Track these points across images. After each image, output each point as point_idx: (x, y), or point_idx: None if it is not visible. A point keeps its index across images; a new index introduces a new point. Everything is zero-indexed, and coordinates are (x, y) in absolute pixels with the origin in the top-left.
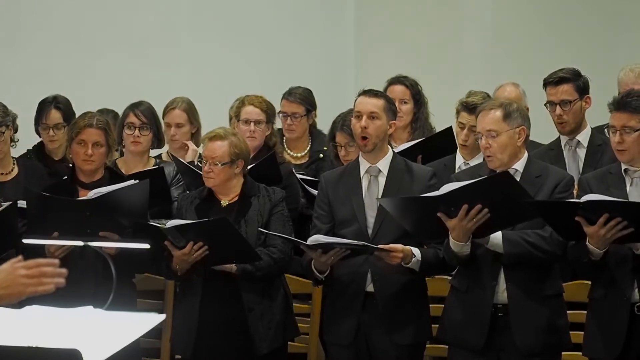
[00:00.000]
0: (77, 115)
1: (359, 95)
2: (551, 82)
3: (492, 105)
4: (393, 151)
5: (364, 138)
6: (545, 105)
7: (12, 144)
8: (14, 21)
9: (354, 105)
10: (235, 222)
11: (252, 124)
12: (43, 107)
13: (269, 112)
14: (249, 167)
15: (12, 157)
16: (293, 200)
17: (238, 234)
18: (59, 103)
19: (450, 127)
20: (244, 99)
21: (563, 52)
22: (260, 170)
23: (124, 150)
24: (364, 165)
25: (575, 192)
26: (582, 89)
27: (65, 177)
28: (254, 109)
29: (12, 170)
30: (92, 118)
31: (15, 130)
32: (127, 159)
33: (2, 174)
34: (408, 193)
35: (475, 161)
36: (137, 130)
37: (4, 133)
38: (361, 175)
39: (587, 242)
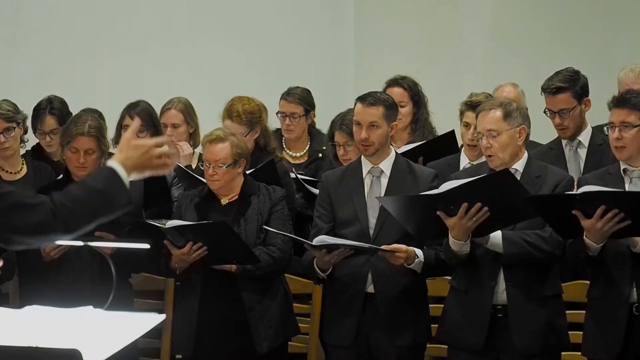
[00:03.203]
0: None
1: (357, 101)
2: (548, 91)
3: (491, 105)
4: (395, 151)
5: (365, 145)
6: (544, 112)
7: (22, 144)
8: (14, 21)
9: (354, 107)
10: (235, 220)
11: None
12: (38, 113)
13: (251, 120)
14: (247, 172)
15: (22, 157)
16: (289, 200)
17: (237, 237)
18: (54, 108)
19: (453, 131)
20: (224, 111)
21: (563, 52)
22: (259, 177)
23: None
24: (366, 165)
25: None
26: (581, 94)
27: (61, 177)
28: (232, 124)
29: (21, 169)
30: (84, 125)
31: (26, 131)
32: None
33: (10, 172)
34: (410, 194)
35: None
36: None
37: (14, 129)
38: (363, 176)
39: (584, 237)
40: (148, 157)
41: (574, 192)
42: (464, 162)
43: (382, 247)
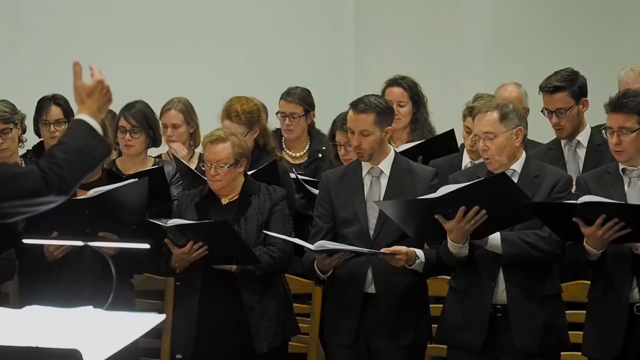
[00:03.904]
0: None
1: (350, 107)
2: (546, 90)
3: (488, 107)
4: (395, 151)
5: (358, 152)
6: (542, 111)
7: (20, 144)
8: (14, 21)
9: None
10: (235, 220)
11: None
12: (42, 104)
13: (250, 120)
14: (249, 172)
15: (22, 157)
16: (288, 200)
17: (238, 236)
18: (59, 99)
19: (452, 130)
20: (223, 111)
21: (563, 51)
22: (261, 177)
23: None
24: (365, 165)
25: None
26: (578, 94)
27: None
28: (231, 124)
29: None
30: None
31: (24, 131)
32: (125, 160)
33: None
34: (410, 194)
35: None
36: (128, 134)
37: (11, 130)
38: (363, 176)
39: (584, 243)
40: (104, 93)
41: (574, 201)
42: (466, 160)
43: (382, 250)
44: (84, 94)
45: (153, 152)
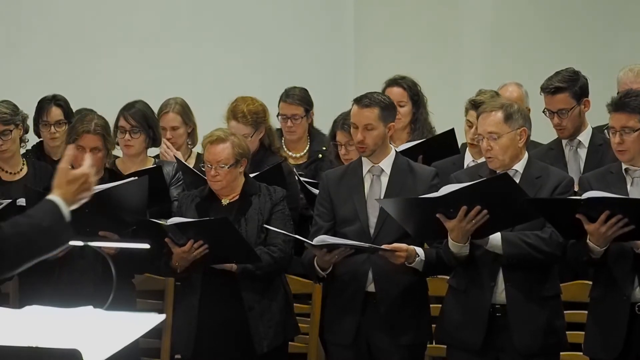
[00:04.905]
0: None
1: (353, 102)
2: (547, 91)
3: (492, 107)
4: (395, 150)
5: (361, 147)
6: (543, 112)
7: (22, 144)
8: (14, 21)
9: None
10: (236, 220)
11: None
12: (43, 105)
13: (256, 120)
14: (253, 175)
15: (22, 157)
16: (292, 200)
17: (238, 234)
18: (59, 100)
19: (453, 129)
20: (229, 112)
21: (563, 52)
22: (265, 179)
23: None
24: (366, 164)
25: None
26: (580, 95)
27: None
28: (237, 125)
29: (21, 170)
30: (90, 123)
31: (26, 131)
32: (125, 160)
33: (10, 173)
34: (410, 193)
35: None
36: (127, 134)
37: (11, 132)
38: (363, 175)
39: (587, 240)
40: (85, 187)
41: (578, 197)
42: (468, 160)
43: (383, 246)
44: (65, 179)
45: (153, 152)
